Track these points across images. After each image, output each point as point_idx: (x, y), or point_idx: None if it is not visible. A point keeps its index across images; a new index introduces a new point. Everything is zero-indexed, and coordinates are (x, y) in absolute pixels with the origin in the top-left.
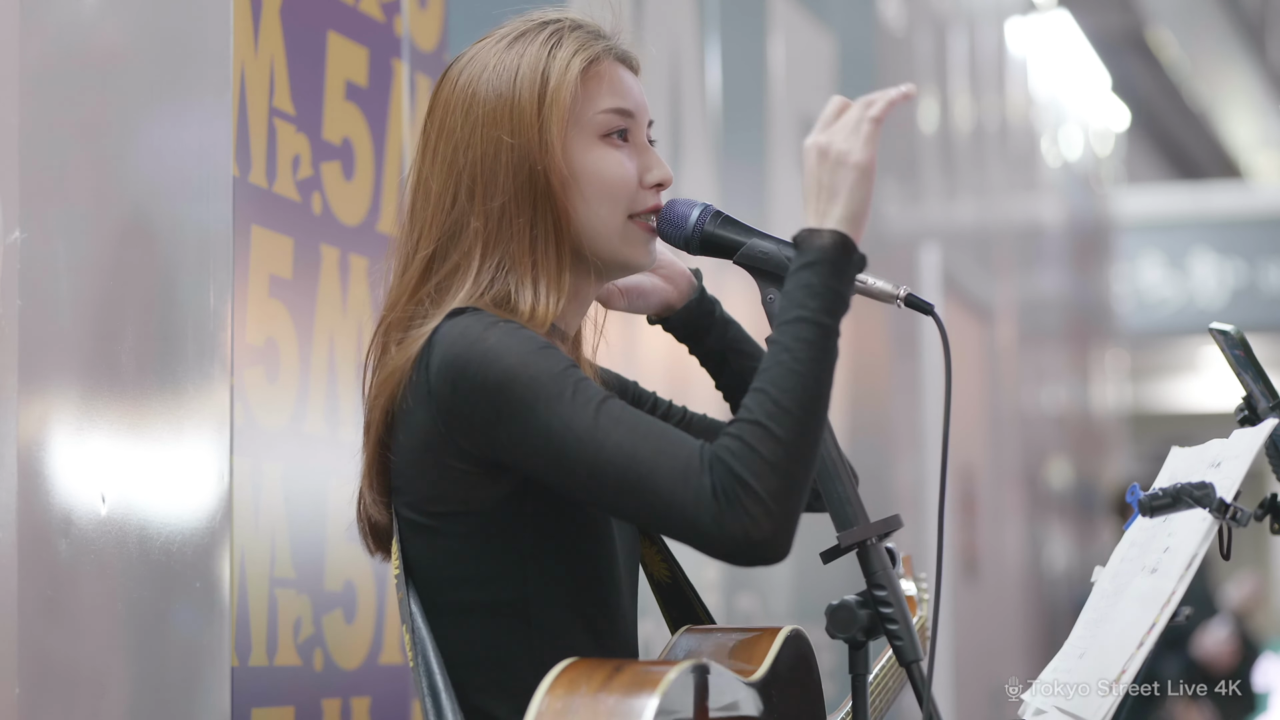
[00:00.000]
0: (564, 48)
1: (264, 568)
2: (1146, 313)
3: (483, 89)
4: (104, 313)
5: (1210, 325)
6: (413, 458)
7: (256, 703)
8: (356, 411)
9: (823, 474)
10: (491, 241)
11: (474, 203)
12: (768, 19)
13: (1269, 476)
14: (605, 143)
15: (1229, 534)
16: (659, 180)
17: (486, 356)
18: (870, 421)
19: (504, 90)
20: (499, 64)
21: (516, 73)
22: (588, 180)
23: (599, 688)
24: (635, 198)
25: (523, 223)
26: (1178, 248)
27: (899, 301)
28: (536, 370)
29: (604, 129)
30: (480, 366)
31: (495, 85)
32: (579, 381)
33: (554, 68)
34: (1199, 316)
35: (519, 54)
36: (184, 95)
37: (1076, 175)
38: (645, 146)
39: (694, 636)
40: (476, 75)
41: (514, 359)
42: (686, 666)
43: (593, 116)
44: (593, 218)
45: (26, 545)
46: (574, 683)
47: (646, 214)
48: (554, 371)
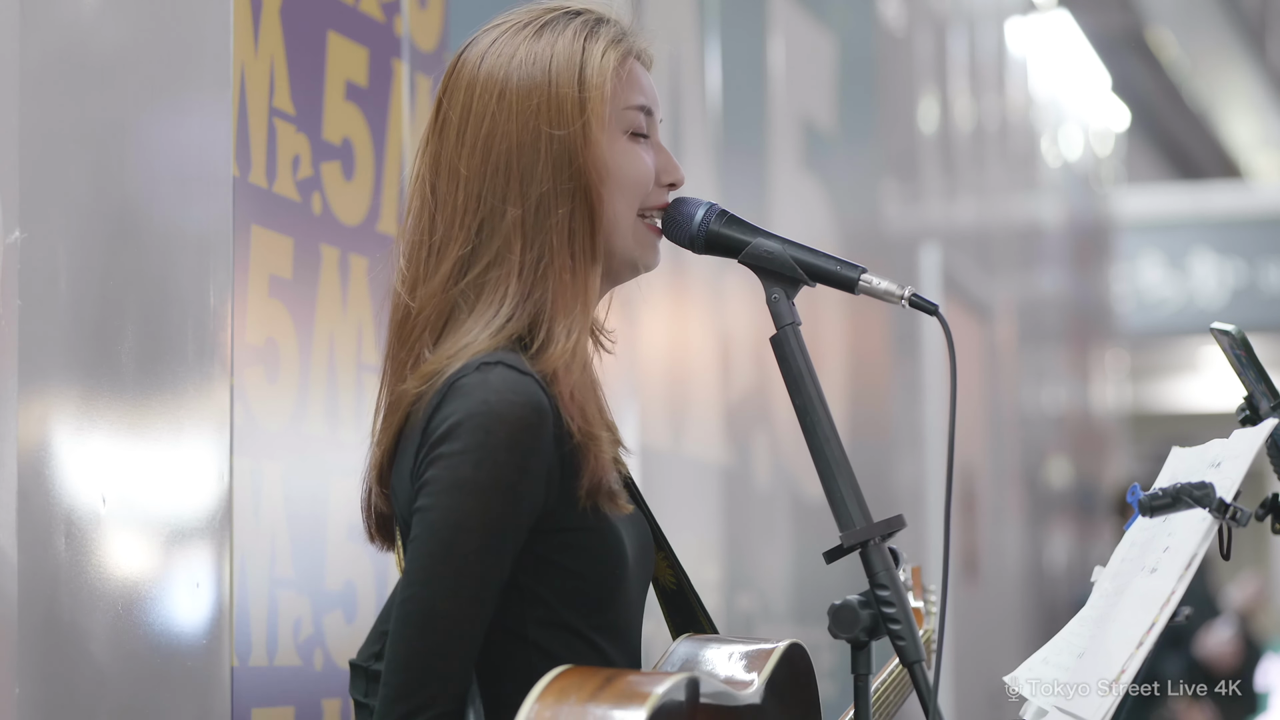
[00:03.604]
0: (598, 40)
1: (264, 568)
2: (1146, 313)
3: (515, 76)
4: (104, 313)
5: (1211, 325)
6: (406, 483)
7: (256, 703)
8: (356, 411)
9: (825, 473)
10: (530, 232)
11: (513, 192)
12: (768, 19)
13: (1269, 476)
14: (631, 139)
15: (1229, 534)
16: (674, 180)
17: (461, 467)
18: (870, 421)
19: (539, 79)
20: (529, 52)
21: (550, 62)
22: (615, 174)
23: (589, 698)
24: (649, 195)
25: (562, 215)
26: (1178, 248)
27: (903, 302)
28: (469, 525)
29: (631, 125)
30: (451, 462)
31: (530, 73)
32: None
33: (591, 59)
34: (1199, 316)
35: (550, 43)
36: (184, 95)
37: (1076, 175)
38: (660, 145)
39: (692, 644)
40: (505, 62)
41: (469, 501)
42: (679, 681)
43: (622, 112)
44: (613, 213)
45: (26, 545)
46: (564, 691)
47: (654, 212)
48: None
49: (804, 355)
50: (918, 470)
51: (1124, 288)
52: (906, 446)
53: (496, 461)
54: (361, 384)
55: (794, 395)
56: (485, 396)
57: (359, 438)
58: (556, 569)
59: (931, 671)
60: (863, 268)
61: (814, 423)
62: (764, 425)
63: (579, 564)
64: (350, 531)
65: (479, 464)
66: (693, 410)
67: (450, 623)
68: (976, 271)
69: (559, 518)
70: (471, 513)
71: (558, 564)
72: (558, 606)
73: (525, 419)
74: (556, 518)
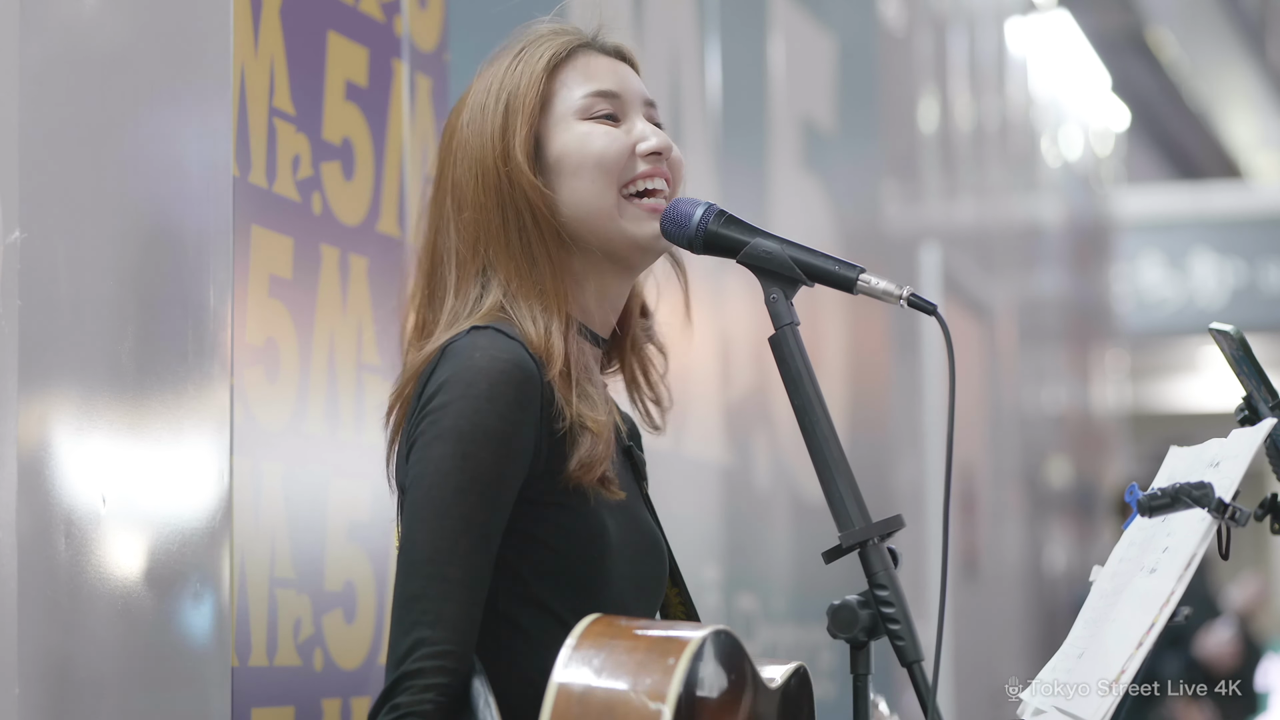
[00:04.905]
0: (527, 54)
1: (264, 568)
2: (1146, 313)
3: (465, 116)
4: (104, 313)
5: (1210, 325)
6: (404, 449)
7: (256, 703)
8: (356, 411)
9: (823, 473)
10: (468, 251)
11: (453, 220)
12: (768, 19)
13: (1269, 476)
14: (587, 122)
15: (1228, 534)
16: (654, 148)
17: (444, 419)
18: (870, 421)
19: (476, 109)
20: (476, 88)
21: (487, 91)
22: (569, 156)
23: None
24: (624, 168)
25: (496, 225)
26: (1178, 248)
27: (902, 302)
28: (447, 470)
29: (584, 112)
30: (434, 416)
31: (471, 107)
32: (457, 504)
33: (519, 73)
34: (1199, 316)
35: (489, 79)
36: (184, 95)
37: (1076, 175)
38: (643, 120)
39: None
40: (461, 109)
41: (449, 448)
42: (699, 638)
43: (570, 104)
44: (583, 193)
45: (26, 545)
46: (602, 634)
47: (640, 182)
48: (449, 480)
49: (802, 355)
50: (917, 470)
51: (1124, 288)
52: (906, 446)
53: (477, 409)
54: (361, 384)
55: (792, 395)
56: (470, 354)
57: (359, 438)
58: (533, 542)
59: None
60: (861, 267)
61: (812, 423)
62: (764, 425)
63: (556, 540)
64: (350, 531)
65: (460, 414)
66: (693, 410)
67: (433, 567)
68: (976, 271)
69: (540, 489)
70: (450, 459)
71: (534, 537)
72: (531, 581)
73: (507, 373)
74: (539, 488)
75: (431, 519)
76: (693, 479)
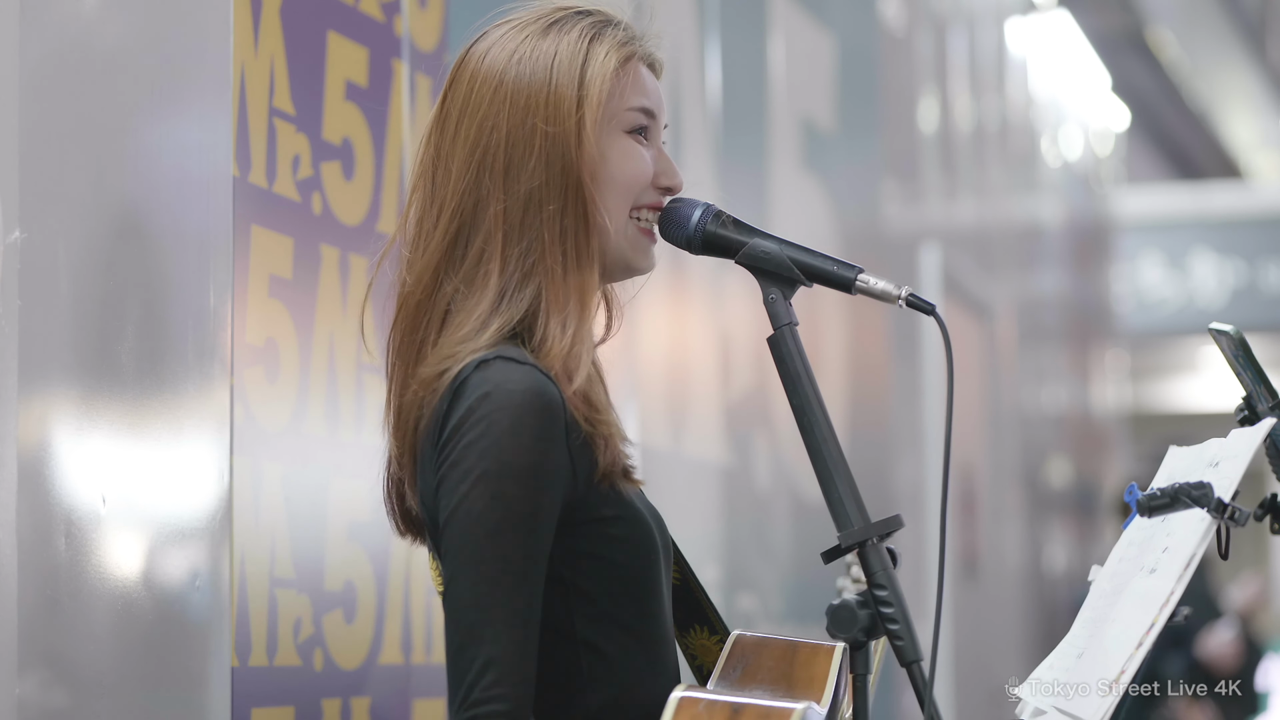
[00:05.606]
0: (603, 42)
1: (264, 568)
2: (1146, 313)
3: (514, 71)
4: (104, 313)
5: (1210, 325)
6: (433, 495)
7: (256, 703)
8: (356, 411)
9: (822, 474)
10: (516, 226)
11: (497, 184)
12: (768, 19)
13: (1269, 476)
14: (630, 137)
15: (1227, 534)
16: (671, 184)
17: (467, 460)
18: (870, 421)
19: (539, 75)
20: (534, 49)
21: (554, 59)
22: (607, 166)
23: None
24: (643, 194)
25: (553, 210)
26: (1178, 248)
27: (900, 302)
28: (478, 513)
29: (630, 125)
30: (458, 458)
31: (530, 69)
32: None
33: (593, 59)
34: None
35: (554, 41)
36: (184, 95)
37: (1076, 175)
38: (663, 152)
39: (749, 645)
40: (506, 57)
41: (479, 489)
42: (800, 710)
43: (624, 113)
44: (605, 211)
45: (26, 545)
46: None
47: (647, 211)
48: (482, 523)
49: (801, 355)
50: (917, 470)
51: (1124, 288)
52: (906, 446)
53: (502, 447)
54: (361, 384)
55: (791, 395)
56: (484, 390)
57: (359, 438)
58: (598, 561)
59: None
60: (860, 268)
61: (811, 423)
62: (764, 425)
63: (619, 554)
64: (350, 531)
65: (484, 453)
66: (693, 410)
67: (478, 612)
68: (976, 271)
69: (590, 508)
70: (480, 500)
71: (599, 556)
72: (599, 598)
73: (527, 404)
74: (588, 508)
75: (469, 566)
76: (693, 479)
